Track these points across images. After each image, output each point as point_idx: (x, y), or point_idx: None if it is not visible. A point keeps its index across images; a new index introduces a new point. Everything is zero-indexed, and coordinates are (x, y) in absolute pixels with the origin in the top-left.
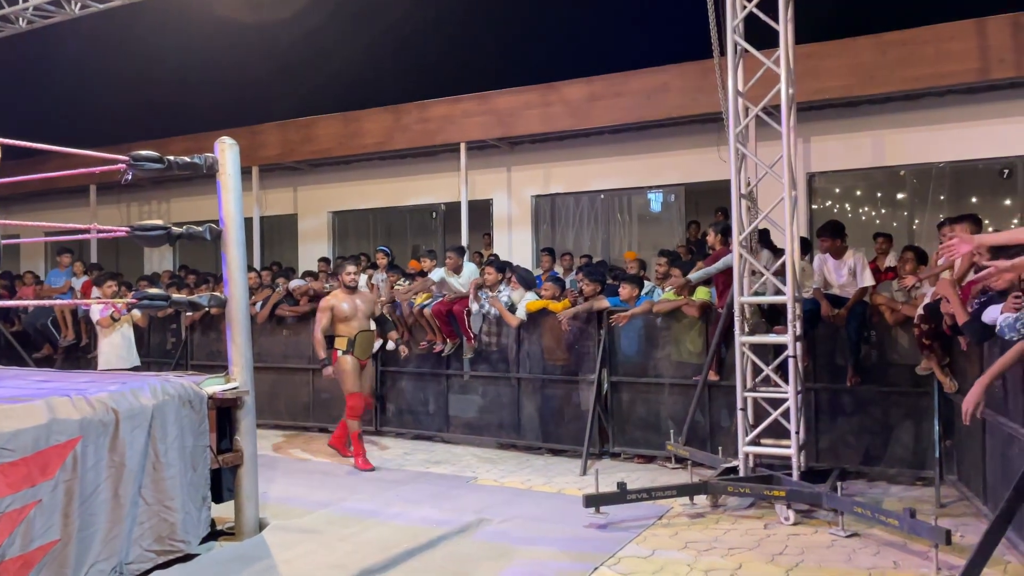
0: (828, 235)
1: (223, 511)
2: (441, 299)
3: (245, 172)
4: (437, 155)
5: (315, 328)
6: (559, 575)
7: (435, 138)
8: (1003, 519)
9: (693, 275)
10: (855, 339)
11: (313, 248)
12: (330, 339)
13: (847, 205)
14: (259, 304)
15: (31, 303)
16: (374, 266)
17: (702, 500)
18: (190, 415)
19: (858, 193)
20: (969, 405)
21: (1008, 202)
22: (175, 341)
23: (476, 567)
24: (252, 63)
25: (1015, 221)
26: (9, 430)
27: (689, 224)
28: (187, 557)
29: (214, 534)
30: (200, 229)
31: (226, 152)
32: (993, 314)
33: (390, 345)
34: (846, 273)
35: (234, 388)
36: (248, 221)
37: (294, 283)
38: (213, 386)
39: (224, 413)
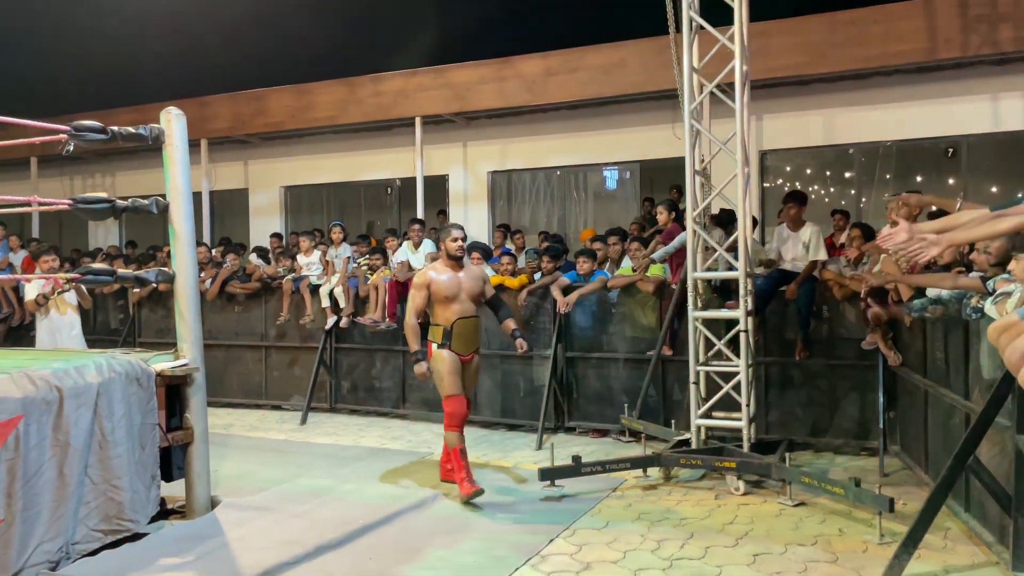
0: (796, 202)
1: (174, 489)
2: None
3: (194, 145)
4: (392, 129)
5: (407, 309)
6: (515, 548)
7: (390, 112)
8: (944, 487)
9: (656, 254)
10: (805, 314)
11: (265, 223)
12: (425, 327)
13: (798, 183)
14: (209, 280)
15: None
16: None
17: (655, 472)
18: (138, 393)
19: (808, 171)
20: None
21: (952, 181)
22: (122, 318)
23: (432, 541)
24: (201, 32)
25: (958, 199)
26: None
27: (644, 201)
28: (136, 536)
29: (164, 513)
30: (146, 202)
31: (172, 123)
32: (936, 289)
33: (343, 322)
34: (801, 246)
35: (183, 365)
36: (197, 195)
37: (250, 258)
38: (162, 363)
39: (174, 391)
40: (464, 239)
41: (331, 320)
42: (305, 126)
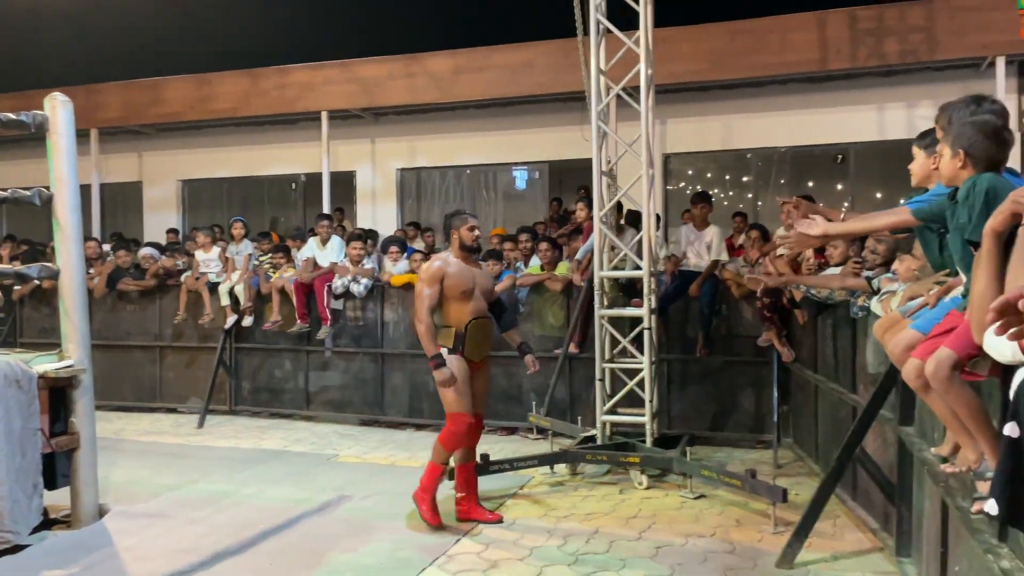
0: (705, 202)
1: (59, 498)
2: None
3: (83, 135)
4: (297, 123)
5: (418, 307)
6: (421, 548)
7: (295, 105)
8: (833, 477)
9: (579, 254)
10: (707, 312)
11: (161, 219)
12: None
13: (699, 186)
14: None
15: None
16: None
17: (562, 468)
18: (17, 396)
19: (709, 174)
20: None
21: (840, 186)
22: (1, 317)
23: (335, 544)
24: (91, 16)
25: (846, 204)
26: None
27: (552, 201)
28: (17, 548)
29: (48, 523)
30: (28, 193)
31: (57, 110)
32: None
33: (246, 321)
34: (704, 246)
35: (69, 366)
36: (86, 188)
37: (144, 251)
38: (45, 364)
39: (58, 394)
40: (479, 227)
41: (231, 319)
42: (205, 118)
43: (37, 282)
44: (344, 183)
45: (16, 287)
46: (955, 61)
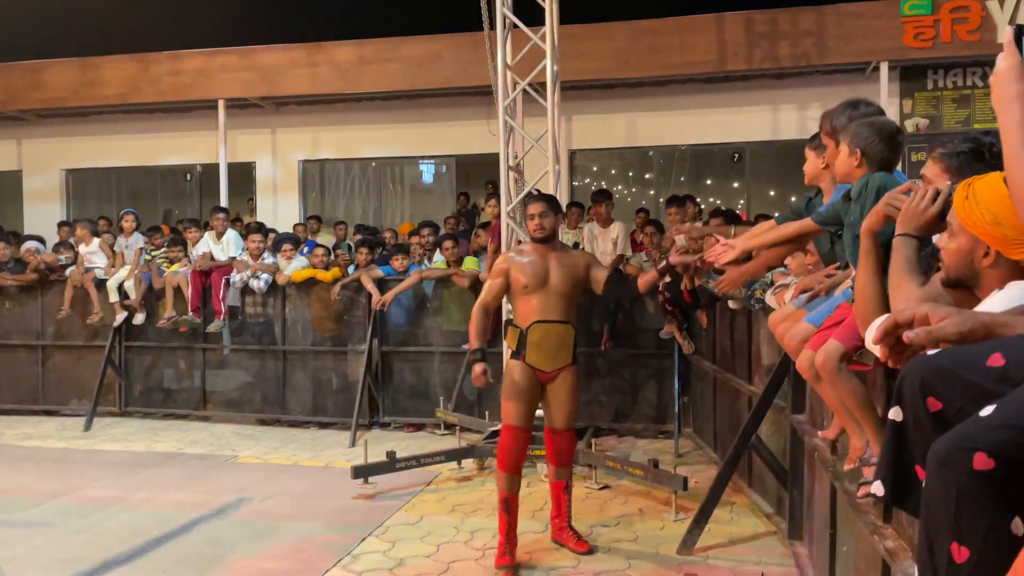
0: (604, 199)
1: None
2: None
3: None
4: (192, 112)
5: (478, 301)
6: (324, 548)
7: (189, 92)
8: (730, 465)
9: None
10: (611, 306)
11: (43, 210)
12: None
13: (603, 182)
14: None
15: None
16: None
17: (470, 464)
18: None
19: (613, 171)
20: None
21: (736, 184)
22: None
23: (235, 548)
24: None
25: (742, 201)
26: None
27: (459, 195)
28: None
29: None
30: None
31: None
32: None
33: (138, 318)
34: (609, 242)
35: None
36: None
37: (27, 244)
38: None
39: None
40: (543, 214)
41: (120, 316)
42: (91, 104)
43: None
44: (243, 174)
45: None
46: (843, 65)
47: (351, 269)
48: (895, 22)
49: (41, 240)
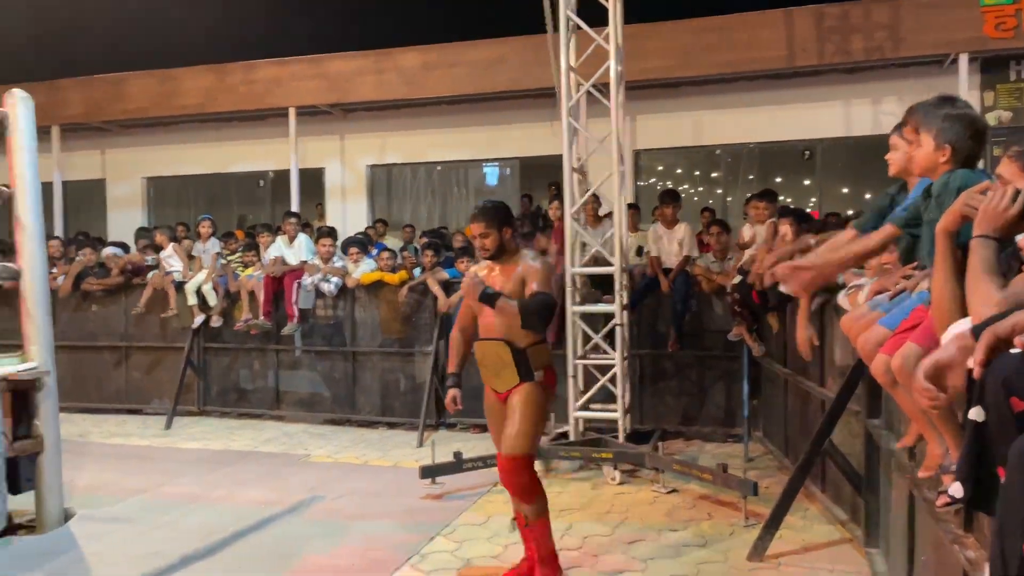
0: (671, 201)
1: (22, 503)
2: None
3: (45, 131)
4: (265, 119)
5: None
6: (394, 547)
7: (262, 101)
8: (802, 470)
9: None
10: (680, 308)
11: (125, 217)
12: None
13: (668, 182)
14: (61, 277)
15: None
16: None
17: (536, 465)
18: None
19: (679, 171)
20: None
21: (807, 182)
22: None
23: (307, 546)
24: (52, 10)
25: (814, 199)
26: None
27: (523, 197)
28: None
29: (12, 528)
30: None
31: (17, 107)
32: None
33: (215, 321)
34: (675, 243)
35: (32, 368)
36: (48, 186)
37: (107, 251)
38: (6, 367)
39: (20, 396)
40: (483, 234)
41: (199, 319)
42: (169, 114)
43: None
44: (313, 179)
45: None
46: (919, 58)
47: (417, 272)
48: (974, 12)
49: (123, 246)
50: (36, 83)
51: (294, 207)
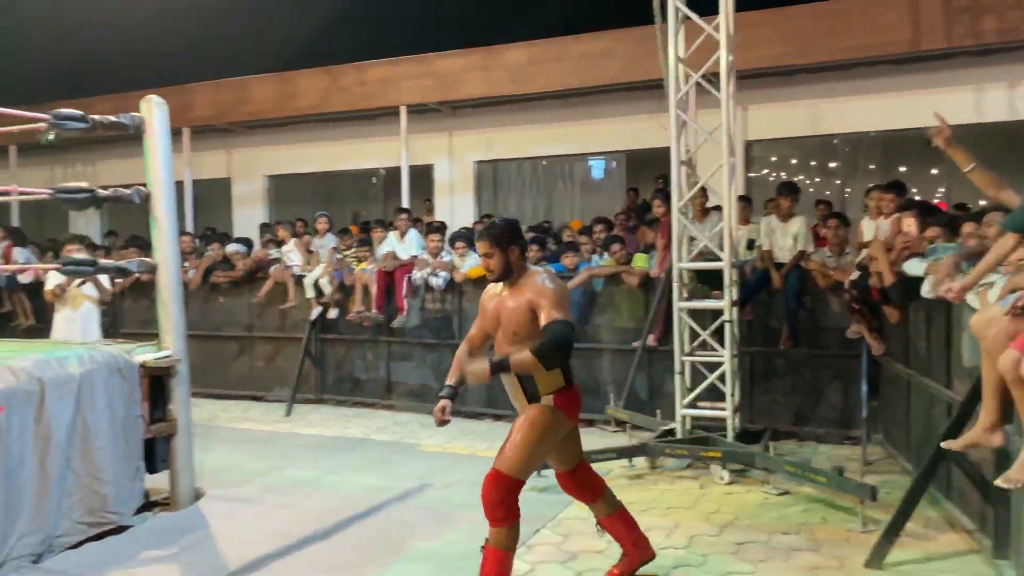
0: (788, 194)
1: (158, 482)
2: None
3: (176, 134)
4: (376, 118)
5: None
6: None
7: (374, 101)
8: (925, 475)
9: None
10: (793, 304)
11: (248, 213)
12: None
13: (783, 173)
14: (192, 270)
15: None
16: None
17: (640, 462)
18: (120, 384)
19: (793, 161)
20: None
21: (935, 171)
22: (104, 309)
23: (416, 532)
24: (182, 19)
25: (941, 189)
26: None
27: (629, 191)
28: (120, 529)
29: (148, 505)
30: (128, 192)
31: (153, 111)
32: (914, 267)
33: (331, 313)
34: (789, 237)
35: (167, 356)
36: (180, 185)
37: (232, 247)
38: (144, 354)
39: (157, 382)
40: (487, 255)
41: (316, 311)
42: (288, 115)
43: (136, 276)
44: (422, 176)
45: (118, 280)
46: None
47: None
48: None
49: (247, 242)
50: (168, 88)
51: (404, 203)
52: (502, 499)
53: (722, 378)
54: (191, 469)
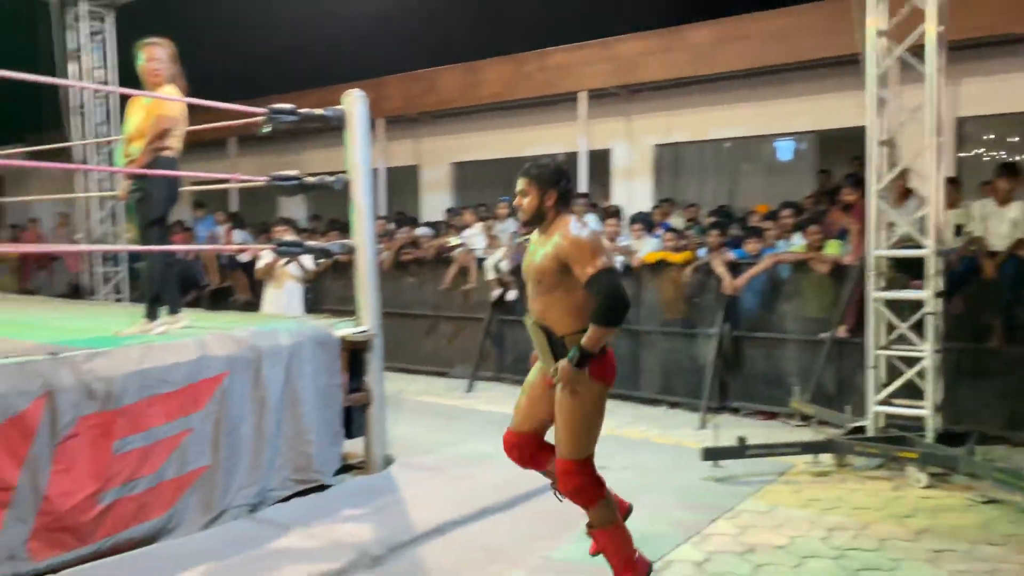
0: (1010, 174)
1: (352, 447)
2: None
3: (371, 123)
4: (556, 104)
5: None
6: (676, 524)
7: (555, 87)
8: None
9: None
10: (1009, 297)
11: (435, 199)
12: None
13: (1001, 152)
14: (385, 252)
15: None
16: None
17: (826, 459)
18: (324, 355)
19: (1013, 139)
20: None
21: None
22: (308, 287)
23: None
24: (376, 15)
25: None
26: (165, 364)
27: (820, 173)
28: (322, 487)
29: (346, 468)
30: (332, 179)
31: (354, 105)
32: None
33: (510, 295)
34: (1007, 223)
35: (363, 331)
36: (374, 172)
37: (420, 230)
38: (344, 329)
39: (354, 355)
40: (522, 192)
41: (496, 292)
42: (473, 103)
43: (336, 257)
44: (600, 161)
45: (321, 260)
46: None
47: (702, 252)
48: None
49: (434, 226)
50: (366, 80)
51: (582, 188)
52: (582, 483)
53: (921, 374)
54: (383, 437)
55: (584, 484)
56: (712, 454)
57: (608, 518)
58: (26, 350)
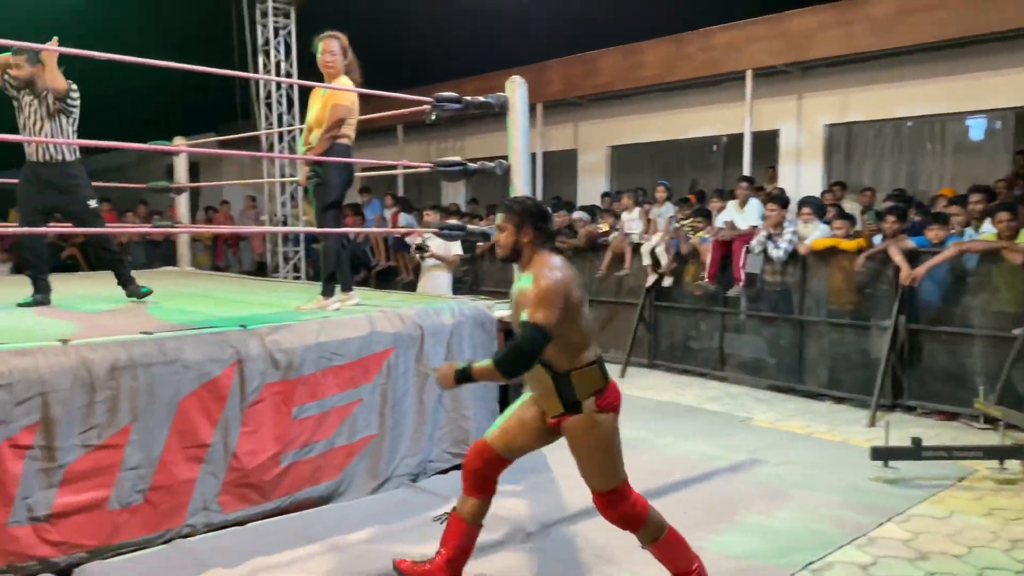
0: None
1: None
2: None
3: (530, 109)
4: (719, 85)
5: None
6: (838, 524)
7: (719, 67)
8: None
9: None
10: None
11: (592, 183)
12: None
13: None
14: None
15: (354, 231)
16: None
17: (1015, 465)
18: (482, 335)
19: None
20: None
21: None
22: (466, 269)
23: (745, 505)
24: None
25: None
26: (339, 338)
27: (1016, 154)
28: None
29: None
30: (492, 165)
31: (516, 91)
32: None
33: (666, 281)
34: None
35: None
36: (532, 156)
37: (576, 214)
38: (501, 311)
39: (509, 335)
40: (499, 227)
41: (651, 278)
42: (632, 86)
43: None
44: (766, 142)
45: (479, 244)
46: None
47: (877, 239)
48: None
49: (590, 210)
50: (527, 66)
51: (746, 171)
52: (622, 511)
53: None
54: None
55: (626, 511)
56: (882, 454)
57: (655, 533)
58: (220, 322)
